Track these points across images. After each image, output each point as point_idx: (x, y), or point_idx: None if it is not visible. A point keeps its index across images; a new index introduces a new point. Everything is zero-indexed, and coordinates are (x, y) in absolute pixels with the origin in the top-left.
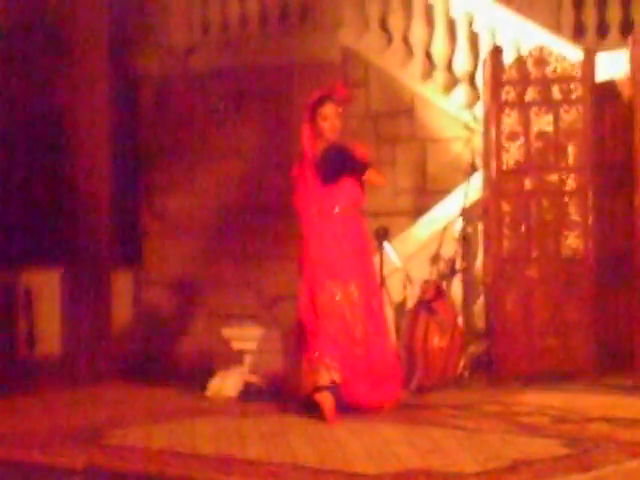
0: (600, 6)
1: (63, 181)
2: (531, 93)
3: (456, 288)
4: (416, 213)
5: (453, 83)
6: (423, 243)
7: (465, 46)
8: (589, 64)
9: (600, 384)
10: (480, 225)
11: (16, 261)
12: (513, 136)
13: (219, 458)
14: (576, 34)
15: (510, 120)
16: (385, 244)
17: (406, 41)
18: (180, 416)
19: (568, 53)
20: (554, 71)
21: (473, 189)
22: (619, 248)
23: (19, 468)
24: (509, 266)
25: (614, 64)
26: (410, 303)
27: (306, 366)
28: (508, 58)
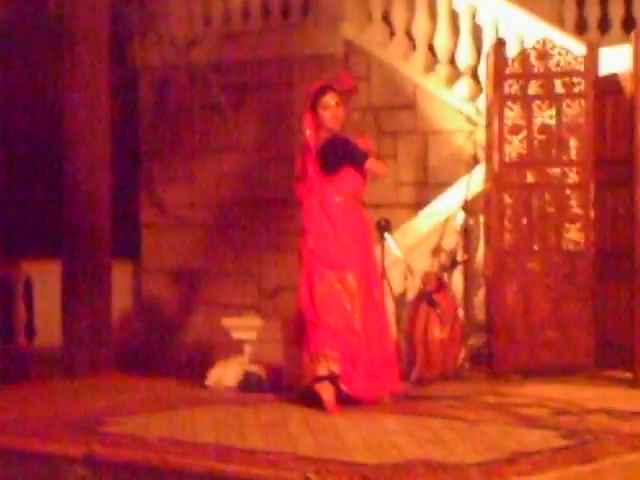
0: (602, 2)
1: (63, 173)
2: (534, 86)
3: (457, 280)
4: (417, 205)
5: (456, 76)
6: (424, 235)
7: (468, 39)
8: (592, 58)
9: (600, 377)
10: (482, 218)
11: (16, 252)
12: (516, 129)
13: (219, 447)
14: (578, 29)
15: (513, 113)
16: (386, 235)
17: (409, 34)
18: (180, 406)
19: (571, 48)
20: (557, 65)
21: (475, 182)
22: (620, 242)
23: (19, 457)
24: (510, 259)
25: (616, 59)
26: (411, 295)
27: (306, 357)
28: (511, 51)
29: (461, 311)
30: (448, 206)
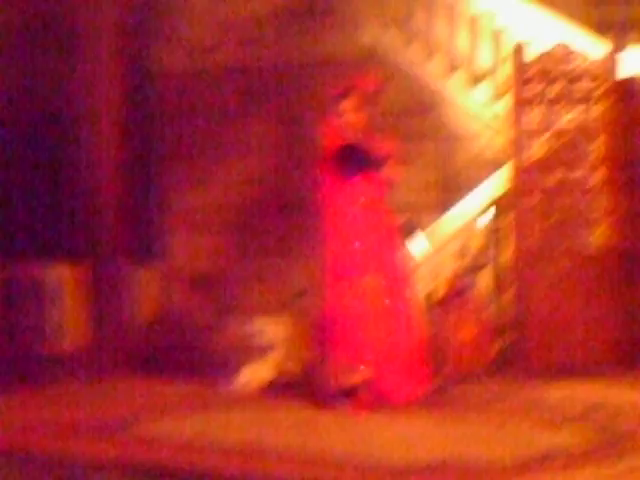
0: (622, 5)
1: (85, 177)
2: (554, 90)
3: (485, 280)
4: (441, 208)
5: (474, 81)
6: (451, 236)
7: (487, 43)
8: (612, 61)
9: (630, 375)
10: (507, 219)
11: (43, 254)
12: (535, 133)
13: (250, 448)
14: (599, 31)
15: (533, 117)
16: (416, 235)
17: (427, 39)
18: (210, 407)
19: (590, 50)
20: (577, 68)
21: (497, 184)
22: None
23: (47, 460)
24: (534, 260)
25: (636, 61)
26: (438, 296)
27: (334, 362)
28: (530, 55)
29: (488, 311)
30: (473, 208)
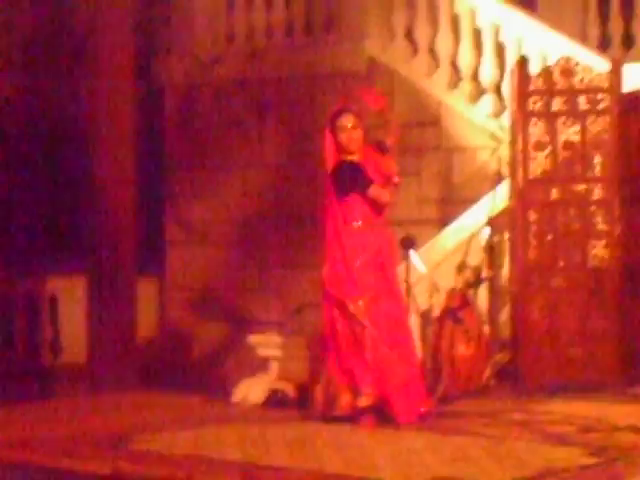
0: (626, 18)
1: (88, 189)
2: (558, 103)
3: (482, 297)
4: (442, 222)
5: (479, 93)
6: (449, 252)
7: (491, 56)
8: (616, 75)
9: (626, 394)
10: (506, 234)
11: (41, 268)
12: (540, 146)
13: (245, 465)
14: (602, 46)
15: (537, 130)
16: (411, 252)
17: (432, 51)
18: (206, 423)
19: (594, 64)
20: (581, 81)
21: (499, 198)
22: None
23: (45, 473)
24: (535, 275)
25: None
26: (436, 311)
27: (330, 382)
28: (535, 68)
29: (486, 328)
30: (473, 223)
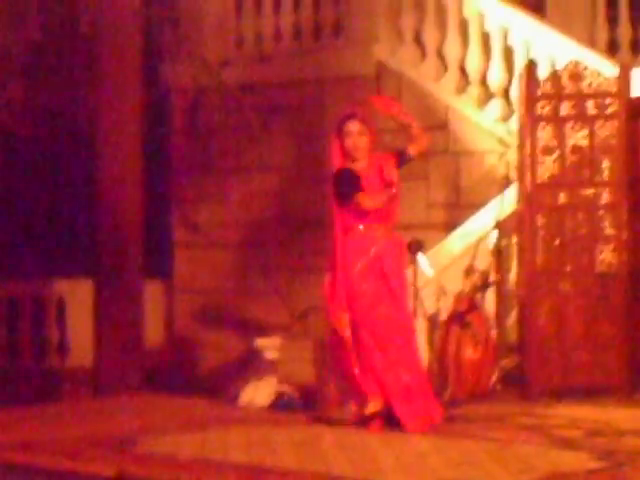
0: (634, 23)
1: (95, 192)
2: (566, 107)
3: (489, 301)
4: (450, 226)
5: (487, 97)
6: (457, 256)
7: (500, 60)
8: (624, 79)
9: (633, 399)
10: (514, 238)
11: (48, 271)
12: (548, 150)
13: (251, 467)
14: (610, 50)
15: (545, 134)
16: (419, 256)
17: (440, 55)
18: (212, 425)
19: (602, 68)
20: (589, 86)
21: (507, 202)
22: None
23: (50, 476)
24: (543, 280)
25: None
26: (443, 315)
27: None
28: (543, 72)
29: (493, 332)
30: (481, 227)
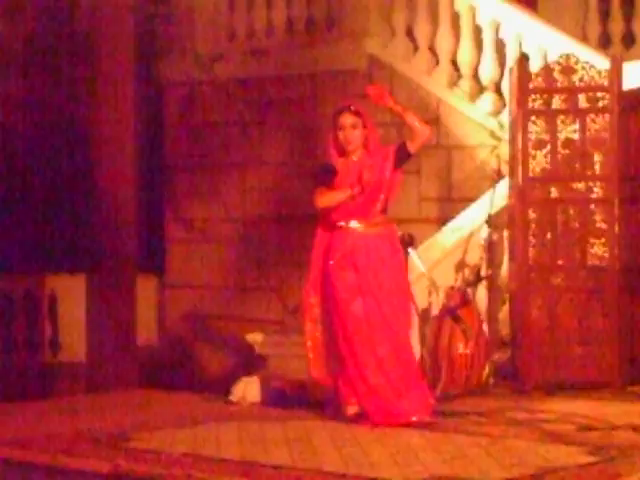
0: (626, 16)
1: (88, 187)
2: (558, 101)
3: (481, 295)
4: (441, 220)
5: (479, 91)
6: (448, 250)
7: (491, 54)
8: (616, 73)
9: (625, 393)
10: (506, 232)
11: (41, 267)
12: (539, 144)
13: (244, 463)
14: (602, 44)
15: (536, 128)
16: (410, 250)
17: (432, 49)
18: (204, 421)
19: (594, 62)
20: (581, 79)
21: (499, 196)
22: None
23: (44, 472)
24: (534, 274)
25: None
26: (435, 310)
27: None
28: (535, 66)
29: (485, 326)
30: (472, 221)
